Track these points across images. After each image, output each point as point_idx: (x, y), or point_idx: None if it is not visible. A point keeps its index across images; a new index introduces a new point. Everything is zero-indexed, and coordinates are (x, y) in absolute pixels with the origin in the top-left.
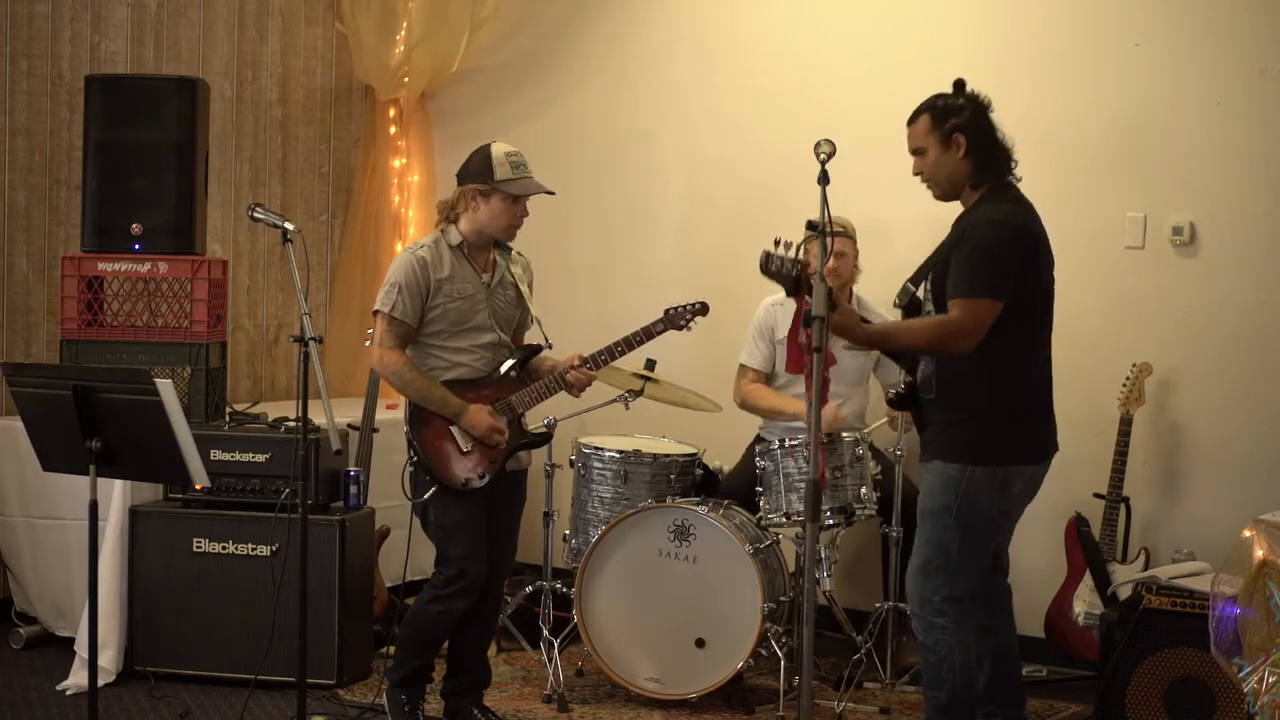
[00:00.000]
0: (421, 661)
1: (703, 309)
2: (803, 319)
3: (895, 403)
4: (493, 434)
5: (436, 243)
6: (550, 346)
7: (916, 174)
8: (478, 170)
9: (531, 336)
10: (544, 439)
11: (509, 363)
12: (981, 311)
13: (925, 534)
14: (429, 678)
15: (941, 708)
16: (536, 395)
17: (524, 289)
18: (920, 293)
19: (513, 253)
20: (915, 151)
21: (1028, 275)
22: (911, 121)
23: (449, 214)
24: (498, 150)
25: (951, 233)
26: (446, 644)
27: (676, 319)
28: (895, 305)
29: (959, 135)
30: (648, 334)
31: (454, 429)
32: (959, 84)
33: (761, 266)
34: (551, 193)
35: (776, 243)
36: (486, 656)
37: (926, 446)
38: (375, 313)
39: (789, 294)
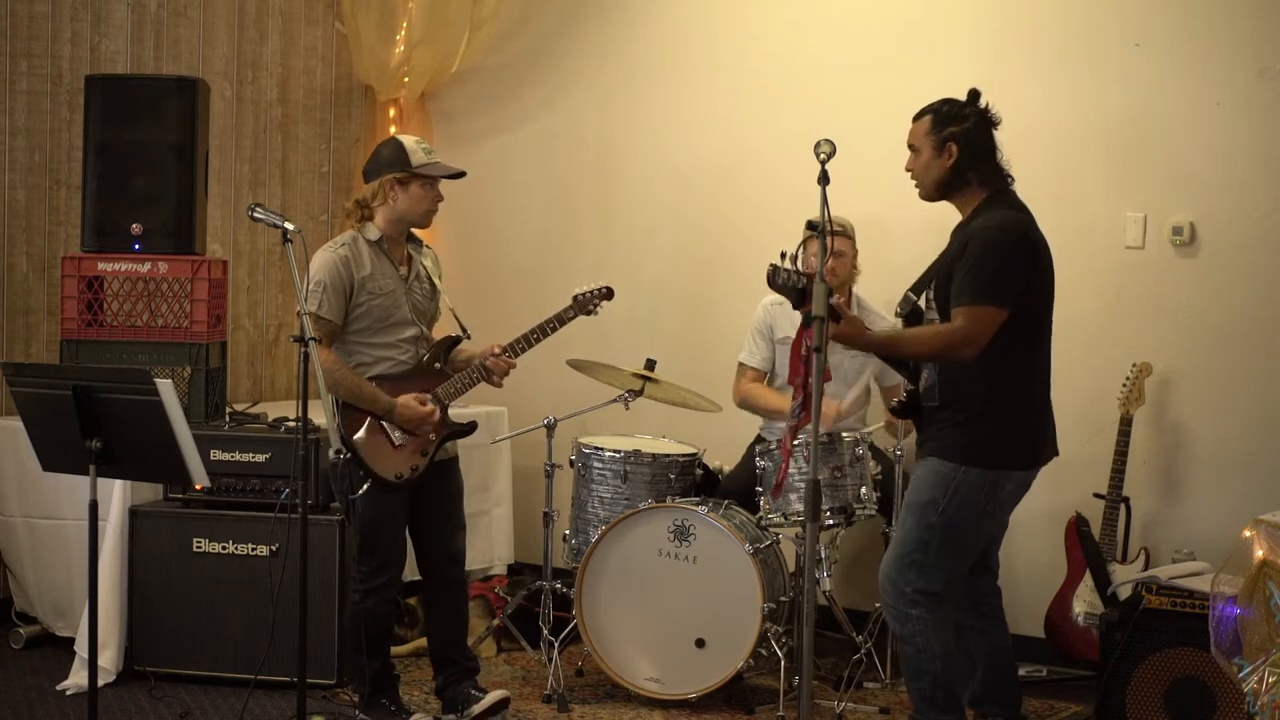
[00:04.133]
0: (381, 660)
1: (608, 293)
2: (804, 320)
3: (898, 411)
4: (425, 422)
5: (355, 240)
6: (469, 337)
7: (907, 170)
8: (392, 160)
9: (447, 327)
10: (469, 429)
11: (430, 355)
12: (986, 319)
13: (907, 527)
14: (393, 672)
15: (926, 697)
16: (461, 385)
17: (436, 281)
18: (922, 302)
19: (423, 246)
20: (910, 147)
21: (1029, 282)
22: (916, 118)
23: (363, 211)
24: (408, 139)
25: (953, 240)
26: (428, 646)
27: (586, 304)
28: (897, 314)
29: (952, 144)
30: (560, 320)
31: (385, 423)
32: (973, 94)
33: (769, 280)
34: (463, 173)
35: (782, 256)
36: (468, 646)
37: (924, 444)
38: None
39: (795, 307)
